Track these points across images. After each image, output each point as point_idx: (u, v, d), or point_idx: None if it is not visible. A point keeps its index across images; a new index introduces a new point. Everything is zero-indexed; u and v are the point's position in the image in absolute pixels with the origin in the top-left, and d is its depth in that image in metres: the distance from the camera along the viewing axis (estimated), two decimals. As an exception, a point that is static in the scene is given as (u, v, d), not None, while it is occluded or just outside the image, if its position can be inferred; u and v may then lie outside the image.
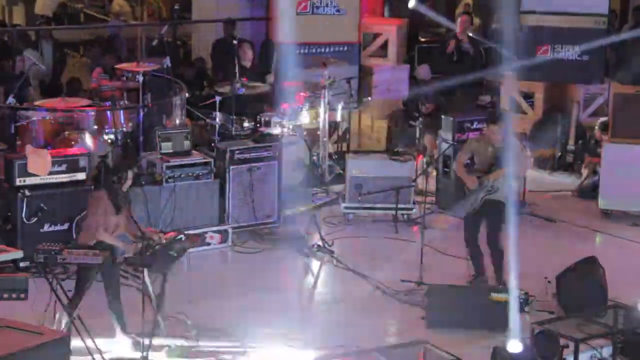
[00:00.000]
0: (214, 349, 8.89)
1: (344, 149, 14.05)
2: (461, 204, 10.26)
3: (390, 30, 15.81)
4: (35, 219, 10.40)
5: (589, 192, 12.95)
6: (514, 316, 8.71)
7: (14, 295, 7.52)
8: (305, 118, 13.11)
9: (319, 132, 13.33)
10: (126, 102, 12.44)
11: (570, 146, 14.39)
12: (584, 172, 13.48)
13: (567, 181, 13.76)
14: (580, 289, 9.72)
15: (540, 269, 10.37)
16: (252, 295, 10.16)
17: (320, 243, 11.26)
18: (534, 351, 7.64)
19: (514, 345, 7.74)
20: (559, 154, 10.80)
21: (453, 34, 14.65)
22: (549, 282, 10.12)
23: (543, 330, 7.93)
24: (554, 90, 14.78)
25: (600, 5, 14.19)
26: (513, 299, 9.05)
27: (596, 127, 13.69)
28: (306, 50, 14.54)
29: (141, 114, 12.01)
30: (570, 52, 14.15)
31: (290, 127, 12.73)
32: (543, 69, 14.09)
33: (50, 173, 10.53)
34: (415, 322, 9.60)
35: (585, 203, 12.91)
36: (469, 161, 10.32)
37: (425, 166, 12.84)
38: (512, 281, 9.20)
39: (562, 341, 8.22)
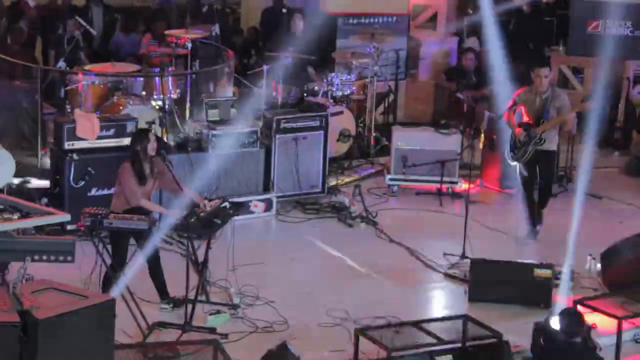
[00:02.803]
0: (255, 316, 8.96)
1: (391, 120, 14.00)
2: (511, 152, 10.62)
3: (439, 3, 15.70)
4: (83, 182, 10.49)
5: (637, 169, 12.82)
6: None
7: (60, 258, 7.58)
8: (352, 89, 13.08)
9: (366, 103, 13.31)
10: (174, 68, 12.48)
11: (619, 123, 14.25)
12: (632, 148, 13.36)
13: (614, 158, 13.62)
14: (626, 266, 9.64)
15: (585, 245, 10.31)
16: (294, 265, 10.21)
17: (364, 214, 11.29)
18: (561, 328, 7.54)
19: (555, 322, 7.68)
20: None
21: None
22: (593, 259, 10.06)
23: (568, 308, 7.85)
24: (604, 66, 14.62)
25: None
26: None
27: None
28: (355, 21, 14.50)
29: (189, 80, 12.04)
30: (621, 28, 13.96)
31: (338, 97, 12.71)
32: (593, 44, 13.91)
33: (98, 137, 10.61)
34: (457, 296, 9.61)
35: (633, 180, 12.78)
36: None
37: (471, 140, 12.77)
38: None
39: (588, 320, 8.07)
